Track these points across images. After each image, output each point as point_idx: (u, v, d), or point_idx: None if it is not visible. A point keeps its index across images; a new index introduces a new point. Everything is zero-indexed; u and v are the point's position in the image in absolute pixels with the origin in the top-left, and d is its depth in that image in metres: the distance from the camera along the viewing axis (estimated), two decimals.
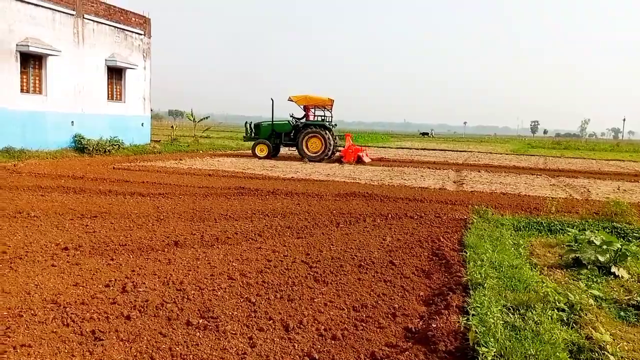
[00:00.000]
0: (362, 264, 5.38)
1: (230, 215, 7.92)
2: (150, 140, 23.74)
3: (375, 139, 50.35)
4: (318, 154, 20.05)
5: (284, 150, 22.22)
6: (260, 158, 20.13)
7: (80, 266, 5.09)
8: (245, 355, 3.28)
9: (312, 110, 21.19)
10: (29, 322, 3.70)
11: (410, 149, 35.00)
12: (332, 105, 20.91)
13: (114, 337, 3.49)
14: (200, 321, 3.81)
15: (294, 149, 20.81)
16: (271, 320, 3.85)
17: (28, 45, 16.28)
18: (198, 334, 3.60)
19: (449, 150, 33.36)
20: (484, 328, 3.40)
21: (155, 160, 17.27)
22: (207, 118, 34.52)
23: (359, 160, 19.94)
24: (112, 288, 4.47)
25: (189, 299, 4.25)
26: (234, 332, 3.63)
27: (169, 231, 6.74)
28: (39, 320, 3.72)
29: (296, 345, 3.46)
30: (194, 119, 30.81)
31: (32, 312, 3.86)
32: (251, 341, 3.49)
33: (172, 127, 32.96)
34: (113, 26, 20.55)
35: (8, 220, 7.01)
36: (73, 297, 4.21)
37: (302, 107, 21.14)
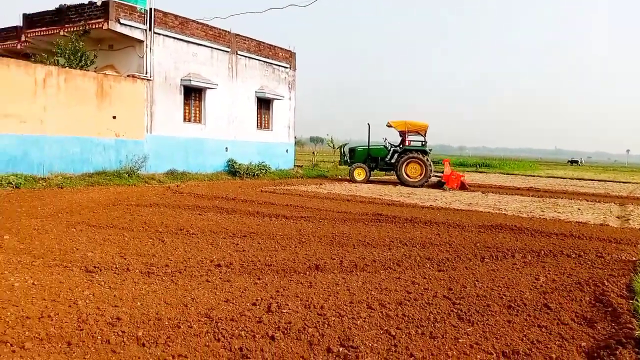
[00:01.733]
0: (512, 304, 4.96)
1: (368, 242, 7.90)
2: (294, 165, 24.97)
3: (522, 167, 47.19)
4: (417, 179, 19.73)
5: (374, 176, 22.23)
6: (357, 182, 20.24)
7: (231, 283, 5.43)
8: None
9: (406, 135, 20.97)
10: (185, 333, 4.00)
11: (564, 178, 32.17)
12: (426, 131, 20.56)
13: (259, 357, 3.61)
14: (341, 349, 3.79)
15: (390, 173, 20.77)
16: (412, 358, 3.69)
17: (190, 80, 18.27)
18: None
19: (609, 181, 29.95)
20: None
21: (297, 185, 18.07)
22: (345, 145, 35.39)
23: (462, 187, 19.22)
24: (258, 307, 4.68)
25: (329, 325, 4.26)
26: None
27: (310, 254, 6.92)
28: (194, 333, 4.01)
29: None
30: (332, 145, 31.80)
31: (189, 324, 4.18)
32: None
33: (313, 153, 34.36)
34: (262, 61, 22.21)
35: (171, 236, 7.78)
36: (224, 312, 4.47)
37: (398, 132, 21.03)
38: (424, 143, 20.74)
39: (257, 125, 22.24)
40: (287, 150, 24.28)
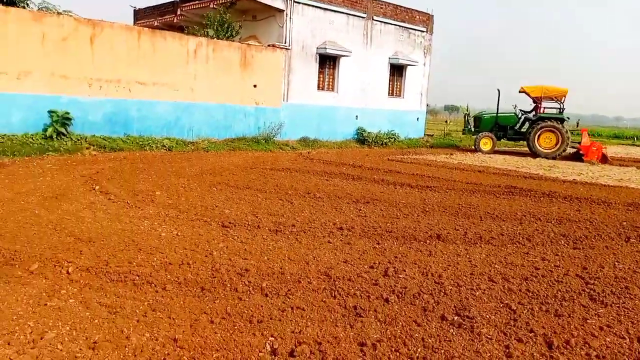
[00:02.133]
0: None
1: (497, 215, 7.53)
2: (424, 134, 24.41)
3: None
4: (552, 149, 17.94)
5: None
6: (484, 152, 18.94)
7: (351, 246, 5.58)
8: None
9: (540, 102, 18.97)
10: (304, 288, 4.23)
11: None
12: (565, 97, 18.43)
13: (372, 317, 3.71)
14: (455, 318, 3.73)
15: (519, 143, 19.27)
16: (532, 333, 3.51)
17: (326, 48, 18.57)
18: (452, 330, 3.53)
19: None
20: None
21: (426, 154, 17.69)
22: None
23: (604, 159, 16.94)
24: (375, 270, 4.76)
25: (445, 294, 4.21)
26: (489, 337, 3.44)
27: (433, 224, 6.81)
28: (312, 288, 4.22)
29: None
30: (468, 114, 30.38)
31: (308, 280, 4.41)
32: (507, 350, 3.25)
33: (445, 121, 33.19)
34: (398, 25, 21.75)
35: (299, 198, 8.16)
36: (342, 272, 4.63)
37: (532, 99, 19.09)
38: (561, 110, 18.88)
39: (389, 93, 22.01)
40: (417, 119, 23.75)
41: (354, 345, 3.26)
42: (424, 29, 23.12)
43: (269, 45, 17.68)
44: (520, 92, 19.29)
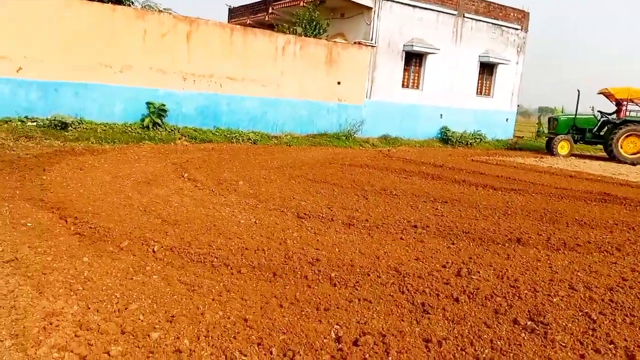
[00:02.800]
0: None
1: (586, 221, 7.08)
2: (513, 135, 23.34)
3: None
4: (637, 155, 16.59)
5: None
6: (561, 156, 17.64)
7: (424, 244, 5.51)
8: None
9: (625, 105, 17.44)
10: (373, 281, 4.25)
11: None
12: None
13: (440, 315, 3.66)
14: (529, 323, 3.58)
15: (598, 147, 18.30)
16: (612, 345, 3.30)
17: (412, 45, 18.31)
18: (523, 335, 3.41)
19: None
20: None
21: (514, 156, 16.94)
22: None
23: None
24: (447, 269, 4.68)
25: (520, 298, 4.05)
26: (563, 344, 3.28)
27: (514, 227, 6.54)
28: (381, 282, 4.24)
29: None
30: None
31: (377, 274, 4.42)
32: (582, 359, 3.09)
33: (537, 123, 31.48)
34: (490, 23, 20.94)
35: (375, 195, 8.16)
36: (412, 269, 4.60)
37: (614, 102, 17.77)
38: None
39: (477, 92, 21.26)
40: (507, 119, 22.72)
41: (419, 340, 3.25)
42: (519, 27, 22.08)
43: (355, 43, 17.74)
44: (600, 93, 18.07)
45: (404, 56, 18.60)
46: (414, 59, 19.14)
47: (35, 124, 11.63)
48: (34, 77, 11.97)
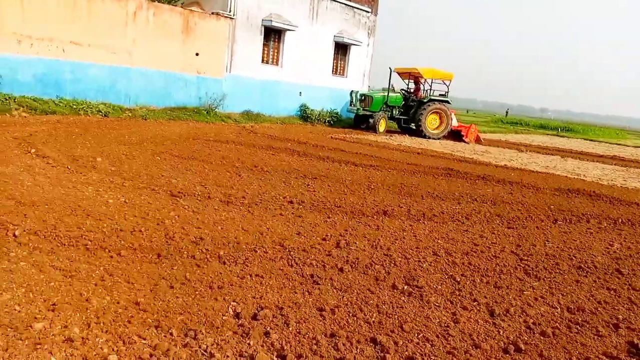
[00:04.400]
0: (582, 266, 4.90)
1: (437, 194, 7.92)
2: None
3: (608, 134, 44.23)
4: (439, 131, 19.18)
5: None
6: (380, 133, 18.94)
7: (302, 219, 5.69)
8: (448, 329, 3.32)
9: (423, 84, 20.30)
10: (261, 257, 4.31)
11: None
12: (451, 81, 19.94)
13: (329, 284, 3.86)
14: (405, 287, 3.96)
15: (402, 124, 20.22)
16: (475, 302, 3.81)
17: (271, 20, 18.32)
18: (403, 298, 3.76)
19: None
20: None
21: (367, 134, 18.05)
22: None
23: (478, 140, 19.48)
24: (327, 242, 4.91)
25: (395, 265, 4.43)
26: (437, 304, 3.69)
27: (378, 201, 7.05)
28: (269, 258, 4.31)
29: (501, 332, 3.36)
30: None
31: (264, 249, 4.48)
32: (454, 317, 3.51)
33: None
34: (344, 4, 21.78)
35: (247, 171, 8.15)
36: (296, 243, 4.75)
37: (412, 80, 20.38)
38: (446, 93, 20.13)
39: (333, 71, 22.11)
40: None
41: (314, 310, 3.40)
42: (369, 10, 23.32)
43: (212, 13, 17.19)
44: (401, 72, 20.05)
45: (263, 31, 18.54)
46: (273, 34, 19.20)
47: None
48: None
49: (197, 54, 16.65)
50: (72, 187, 5.89)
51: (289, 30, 19.18)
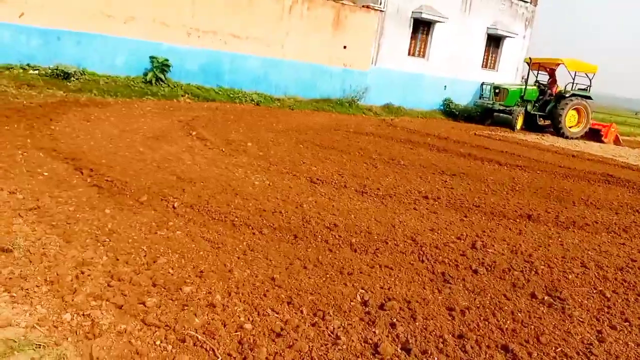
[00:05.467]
0: None
1: (592, 202, 7.17)
2: None
3: None
4: (578, 129, 16.88)
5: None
6: (518, 130, 17.06)
7: (437, 215, 5.57)
8: (592, 347, 3.02)
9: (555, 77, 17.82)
10: (392, 249, 4.31)
11: None
12: (594, 74, 17.47)
13: (461, 285, 3.73)
14: (546, 297, 3.68)
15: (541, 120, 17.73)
16: (627, 323, 3.40)
17: (421, 12, 17.99)
18: (542, 308, 3.50)
19: None
20: None
21: (516, 133, 16.95)
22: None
23: (616, 141, 16.84)
24: (462, 241, 4.75)
25: (536, 273, 4.13)
26: (581, 320, 3.37)
27: (523, 203, 6.61)
28: (400, 250, 4.30)
29: None
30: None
31: (395, 242, 4.48)
32: (600, 335, 3.18)
33: None
34: None
35: (383, 164, 8.17)
36: (429, 239, 4.66)
37: (547, 73, 18.01)
38: (589, 87, 17.62)
39: (483, 64, 21.06)
40: None
41: (442, 308, 3.32)
42: (529, 0, 21.76)
43: (363, 6, 17.40)
44: (539, 63, 18.01)
45: (411, 23, 18.31)
46: (421, 26, 18.85)
47: (37, 72, 11.39)
48: (35, 23, 11.65)
49: (344, 47, 17.02)
50: (225, 167, 6.44)
51: (438, 22, 18.69)
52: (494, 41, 21.22)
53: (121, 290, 2.99)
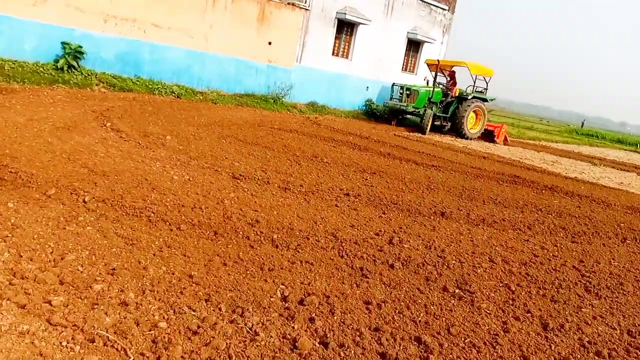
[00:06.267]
0: None
1: (500, 201, 7.65)
2: None
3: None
4: (476, 130, 17.80)
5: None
6: (427, 133, 17.07)
7: (357, 212, 5.69)
8: (497, 337, 3.22)
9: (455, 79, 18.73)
10: (313, 245, 4.35)
11: None
12: (491, 78, 18.58)
13: (378, 279, 3.84)
14: (457, 291, 3.87)
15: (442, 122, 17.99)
16: (529, 314, 3.66)
17: (345, 13, 18.28)
18: (452, 301, 3.68)
19: None
20: None
21: (432, 134, 17.69)
22: (492, 100, 33.19)
23: (505, 141, 18.47)
24: (381, 237, 4.88)
25: (448, 267, 4.34)
26: (488, 312, 3.59)
27: (437, 201, 6.92)
28: (320, 246, 4.35)
29: (552, 346, 3.22)
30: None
31: (316, 238, 4.52)
32: (505, 326, 3.40)
33: None
34: (421, 0, 21.40)
35: (307, 161, 8.23)
36: (349, 235, 4.75)
37: (445, 74, 18.84)
38: (485, 91, 18.66)
39: (403, 68, 21.81)
40: None
41: (360, 302, 3.40)
42: (446, 7, 22.78)
43: (288, 3, 17.40)
44: (427, 63, 18.91)
45: (336, 23, 18.56)
46: (345, 27, 19.17)
47: None
48: None
49: (269, 43, 16.93)
50: (141, 161, 6.18)
51: (362, 24, 19.09)
52: (414, 45, 22.02)
53: (24, 289, 2.78)
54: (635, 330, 3.65)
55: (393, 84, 19.05)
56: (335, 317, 3.12)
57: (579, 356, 3.16)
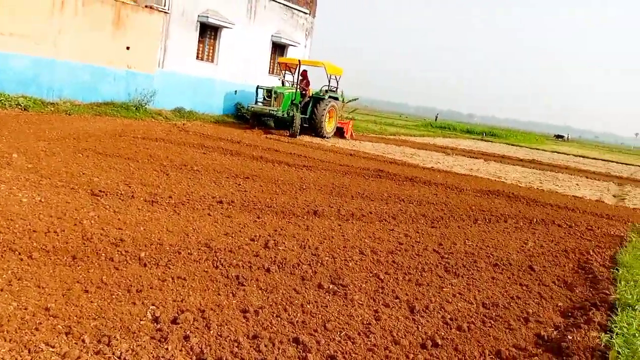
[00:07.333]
0: (498, 263, 5.17)
1: (367, 195, 8.07)
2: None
3: (529, 140, 47.01)
4: (331, 128, 18.41)
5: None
6: (298, 136, 16.84)
7: (231, 219, 5.62)
8: (370, 326, 3.38)
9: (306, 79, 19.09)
10: (185, 259, 4.21)
11: (568, 154, 32.09)
12: (340, 77, 19.31)
13: (254, 285, 3.83)
14: (331, 286, 4.00)
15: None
16: (397, 299, 3.91)
17: (207, 17, 17.94)
18: (327, 297, 3.80)
19: (612, 162, 29.97)
20: (629, 350, 3.09)
21: (302, 135, 18.08)
22: (355, 99, 34.82)
23: (351, 136, 20.19)
24: (256, 242, 4.88)
25: (322, 264, 4.47)
26: (360, 302, 3.76)
27: (309, 201, 7.09)
28: (193, 259, 4.22)
29: (420, 327, 3.48)
30: (342, 100, 31.42)
31: (189, 251, 4.38)
32: (376, 314, 3.59)
33: None
34: (282, 4, 21.73)
35: (175, 170, 7.94)
36: (223, 244, 4.68)
37: (286, 72, 19.54)
38: (336, 89, 19.22)
39: (269, 71, 21.99)
40: None
41: (237, 312, 3.36)
42: (307, 12, 23.41)
43: (146, 6, 16.61)
44: (288, 63, 19.17)
45: (198, 27, 18.14)
46: (209, 31, 18.82)
47: None
48: None
49: (127, 48, 16.02)
50: None
51: (225, 27, 18.87)
52: (279, 49, 22.32)
53: None
54: (488, 302, 4.07)
55: (257, 87, 18.73)
56: (211, 331, 3.05)
57: (442, 333, 3.44)
